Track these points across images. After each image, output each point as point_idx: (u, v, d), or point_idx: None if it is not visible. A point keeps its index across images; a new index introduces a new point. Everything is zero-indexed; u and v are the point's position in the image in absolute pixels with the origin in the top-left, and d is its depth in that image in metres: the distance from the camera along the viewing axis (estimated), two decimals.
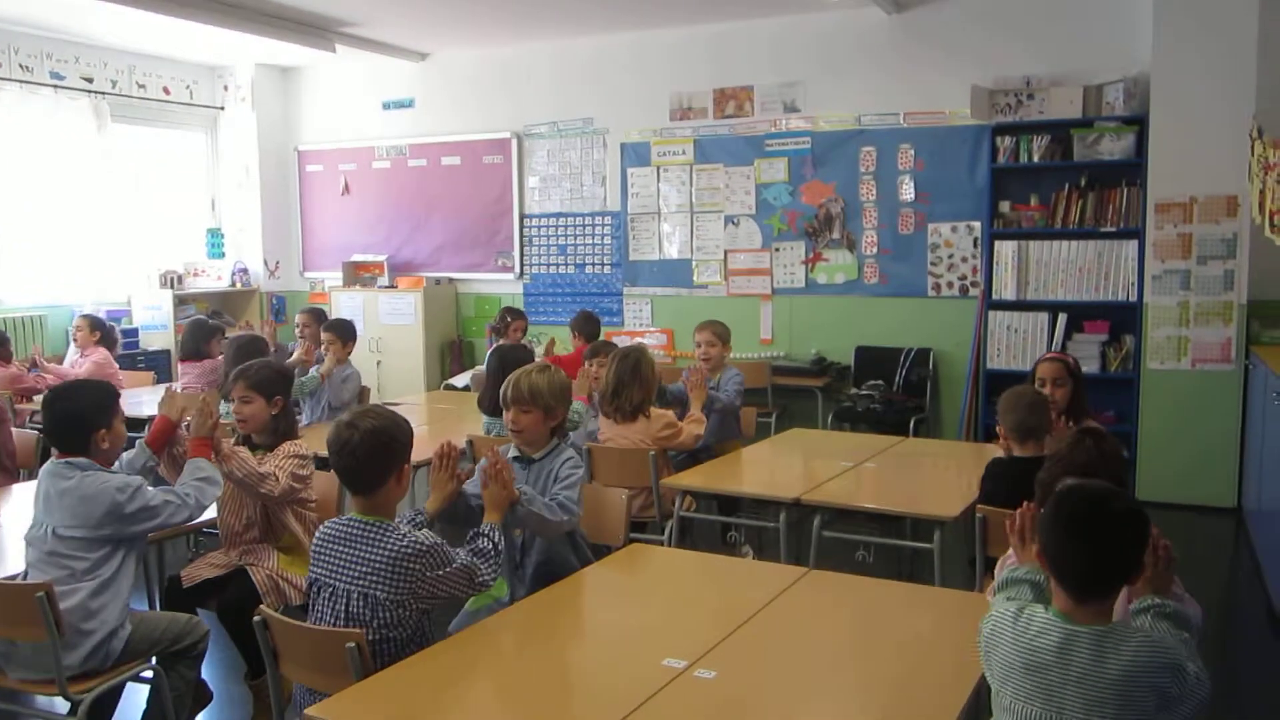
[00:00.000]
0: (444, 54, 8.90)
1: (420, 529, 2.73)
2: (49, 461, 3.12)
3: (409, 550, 2.55)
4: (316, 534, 2.71)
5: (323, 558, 2.65)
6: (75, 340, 7.15)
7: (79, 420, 3.09)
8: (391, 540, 2.57)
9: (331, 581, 2.62)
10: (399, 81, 9.08)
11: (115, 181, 8.42)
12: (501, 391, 3.36)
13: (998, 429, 3.64)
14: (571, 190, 8.56)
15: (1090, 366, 6.51)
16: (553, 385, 3.32)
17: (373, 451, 2.62)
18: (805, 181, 7.66)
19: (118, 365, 7.14)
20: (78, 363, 6.98)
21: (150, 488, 3.12)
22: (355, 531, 2.62)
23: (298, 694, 2.65)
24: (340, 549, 2.62)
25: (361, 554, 2.58)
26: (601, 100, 8.32)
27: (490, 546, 2.77)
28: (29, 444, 4.65)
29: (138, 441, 3.47)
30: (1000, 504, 3.40)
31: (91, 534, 2.99)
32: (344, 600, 2.58)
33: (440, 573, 2.60)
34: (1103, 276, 6.63)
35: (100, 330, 7.07)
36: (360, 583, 2.57)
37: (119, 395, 3.32)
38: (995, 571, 2.58)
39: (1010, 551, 2.53)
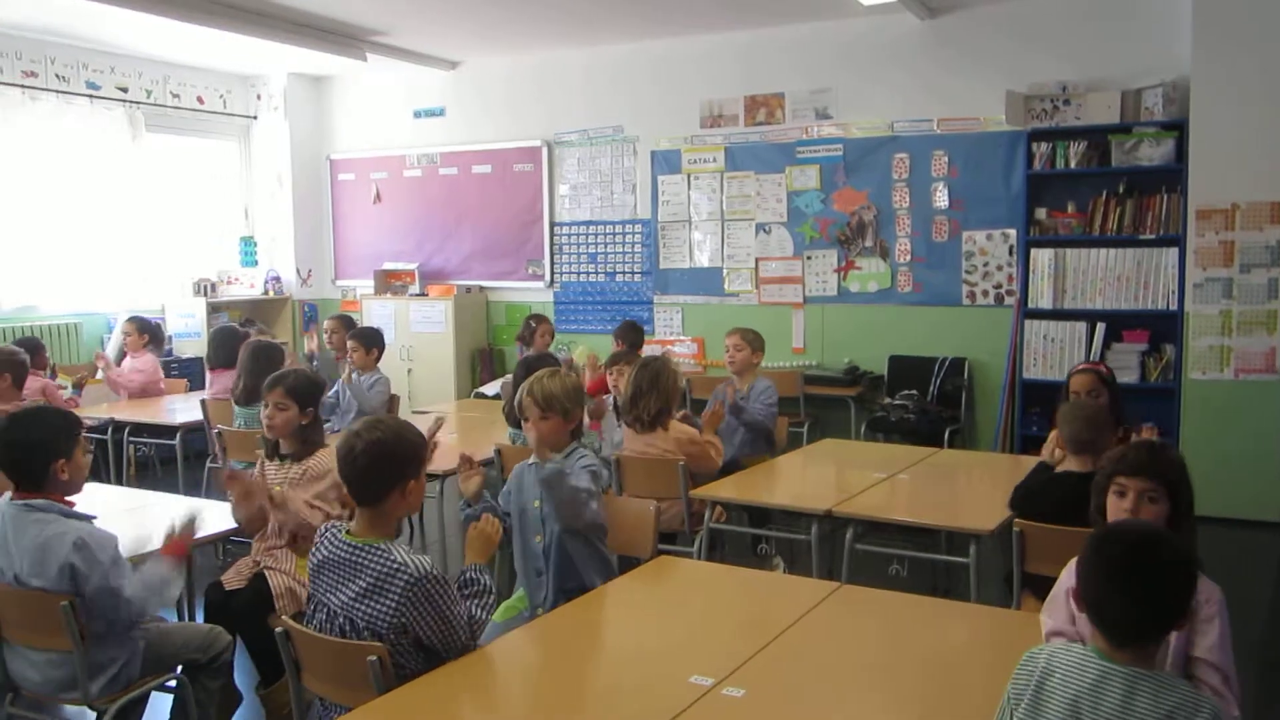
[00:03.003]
0: (475, 62, 8.90)
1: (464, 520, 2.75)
2: (4, 503, 2.93)
3: (412, 576, 2.42)
4: (313, 550, 2.62)
5: (320, 578, 2.57)
6: (125, 344, 7.21)
7: (40, 449, 2.88)
8: (388, 568, 2.45)
9: (327, 602, 2.54)
10: (430, 90, 9.10)
11: (150, 190, 8.49)
12: (516, 403, 3.34)
13: (1052, 437, 3.57)
14: (602, 198, 8.53)
15: (1130, 377, 6.39)
16: (566, 389, 3.31)
17: (372, 463, 2.53)
18: (837, 189, 7.59)
19: (162, 373, 7.24)
20: (121, 371, 7.02)
21: (117, 559, 2.87)
22: (346, 555, 2.52)
23: (317, 708, 2.62)
24: (334, 572, 2.53)
25: (352, 578, 2.49)
26: (632, 108, 8.29)
27: (483, 588, 2.65)
28: None
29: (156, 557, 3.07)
30: (1044, 519, 3.31)
31: (52, 587, 2.80)
32: (339, 624, 2.50)
33: (434, 609, 2.44)
34: (1142, 285, 6.51)
35: (147, 332, 7.15)
36: (349, 609, 2.47)
37: (82, 425, 3.11)
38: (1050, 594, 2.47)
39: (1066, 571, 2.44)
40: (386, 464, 2.55)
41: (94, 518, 2.96)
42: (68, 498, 2.96)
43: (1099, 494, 2.52)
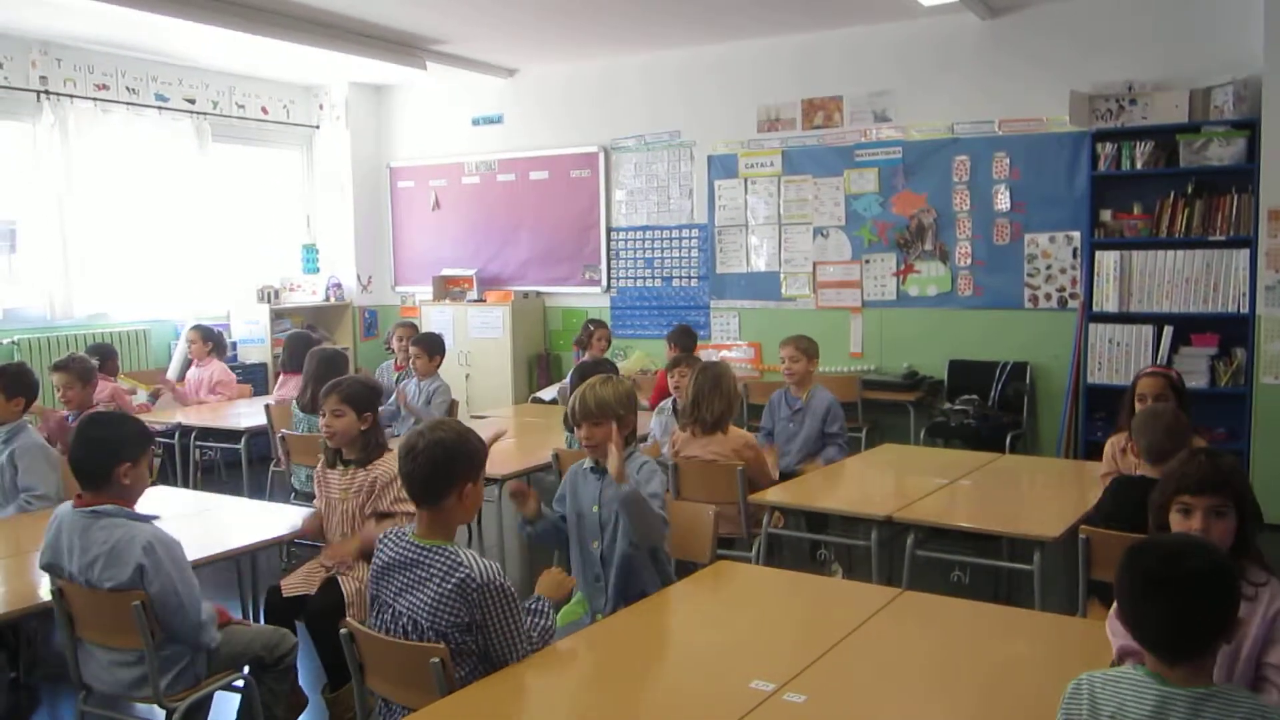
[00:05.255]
0: (532, 70, 8.97)
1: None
2: (67, 509, 3.01)
3: (476, 580, 2.44)
4: (376, 552, 2.65)
5: (383, 580, 2.59)
6: (190, 352, 7.39)
7: (109, 450, 2.96)
8: (455, 568, 2.47)
9: (393, 604, 2.56)
10: (488, 97, 9.18)
11: (216, 199, 8.66)
12: (570, 410, 3.34)
13: (1111, 442, 3.48)
14: (658, 203, 8.54)
15: (1199, 381, 6.24)
16: (619, 394, 3.30)
17: (432, 462, 2.55)
18: (896, 192, 7.51)
19: (234, 377, 7.42)
20: (198, 380, 7.21)
21: (181, 563, 2.95)
22: (413, 556, 2.54)
23: (379, 710, 2.64)
24: (400, 574, 2.55)
25: (421, 580, 2.51)
26: (688, 113, 8.29)
27: (542, 613, 2.67)
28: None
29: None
30: (1121, 526, 3.23)
31: (125, 586, 2.87)
32: (403, 625, 2.52)
33: (499, 614, 2.46)
34: (1211, 287, 6.35)
35: (211, 340, 7.32)
36: (418, 611, 2.49)
37: (152, 438, 3.20)
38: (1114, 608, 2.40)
39: None
40: (447, 465, 2.57)
41: (157, 518, 3.03)
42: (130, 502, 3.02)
43: (1158, 512, 2.42)
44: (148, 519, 3.00)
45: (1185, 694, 1.75)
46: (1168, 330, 6.45)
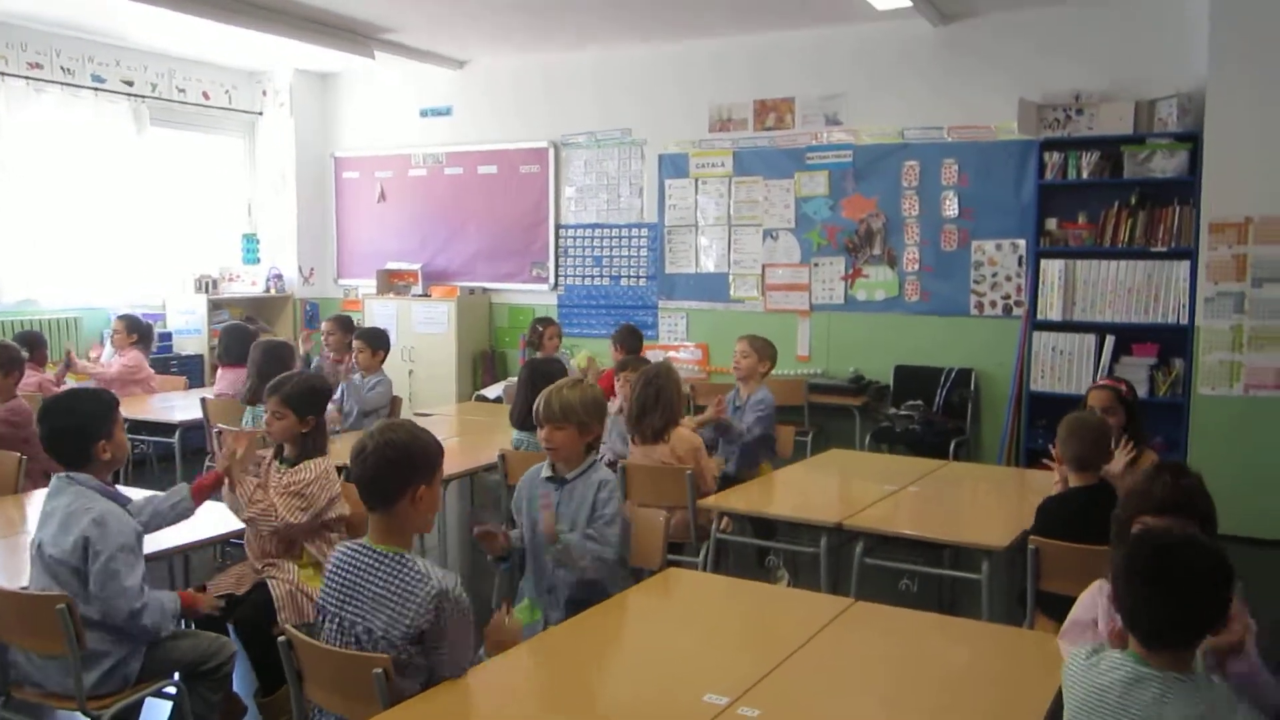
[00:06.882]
0: (483, 62, 8.85)
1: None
2: (56, 478, 2.99)
3: (450, 595, 2.37)
4: (332, 557, 2.56)
5: (333, 585, 2.50)
6: (112, 341, 7.14)
7: (78, 432, 2.97)
8: (409, 577, 2.39)
9: (339, 612, 2.46)
10: (437, 89, 9.04)
11: (153, 185, 8.42)
12: (534, 409, 3.26)
13: (1053, 451, 3.51)
14: (608, 201, 8.47)
15: (1138, 391, 6.31)
16: (585, 400, 3.22)
17: (382, 465, 2.46)
18: (846, 195, 7.53)
19: (151, 369, 7.13)
20: (109, 363, 6.97)
21: (130, 547, 2.88)
22: (369, 561, 2.46)
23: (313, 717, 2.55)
24: (352, 578, 2.46)
25: (374, 587, 2.42)
26: (640, 111, 8.23)
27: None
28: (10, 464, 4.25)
29: (183, 485, 3.32)
30: (1056, 537, 3.26)
31: (65, 558, 2.84)
32: (351, 633, 2.43)
33: (451, 627, 2.39)
34: (1152, 298, 6.45)
35: (137, 331, 7.05)
36: (373, 619, 2.40)
37: (117, 403, 3.18)
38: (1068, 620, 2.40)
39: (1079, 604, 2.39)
40: (396, 466, 2.48)
41: (128, 501, 3.03)
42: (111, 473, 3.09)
43: (1121, 528, 2.42)
44: (119, 500, 2.99)
45: (1159, 675, 1.82)
46: (1109, 339, 6.53)
